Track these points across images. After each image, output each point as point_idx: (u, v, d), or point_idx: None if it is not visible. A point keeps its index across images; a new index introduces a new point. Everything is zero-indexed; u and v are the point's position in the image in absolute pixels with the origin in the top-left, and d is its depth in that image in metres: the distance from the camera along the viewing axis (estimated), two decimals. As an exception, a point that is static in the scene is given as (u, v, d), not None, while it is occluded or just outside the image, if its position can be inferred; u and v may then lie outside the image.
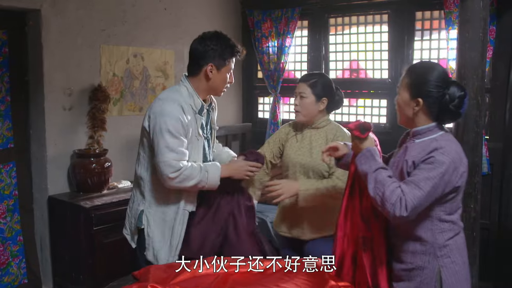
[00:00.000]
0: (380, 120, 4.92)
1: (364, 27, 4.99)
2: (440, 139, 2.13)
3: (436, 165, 2.04)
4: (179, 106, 2.58)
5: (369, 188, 2.10)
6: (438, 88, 2.12)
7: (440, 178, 2.03)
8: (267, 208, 4.59)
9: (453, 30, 4.15)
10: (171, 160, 2.53)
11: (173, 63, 4.89)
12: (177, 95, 2.64)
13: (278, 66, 5.27)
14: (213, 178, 2.63)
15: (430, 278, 2.14)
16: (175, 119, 2.55)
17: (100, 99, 4.13)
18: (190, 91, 2.67)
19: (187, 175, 2.56)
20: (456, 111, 2.14)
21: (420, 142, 2.18)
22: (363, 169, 2.17)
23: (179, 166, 2.54)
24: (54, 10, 3.90)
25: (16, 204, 4.05)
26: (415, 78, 2.18)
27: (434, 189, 2.03)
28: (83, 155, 4.03)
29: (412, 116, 2.21)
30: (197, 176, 2.58)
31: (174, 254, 2.72)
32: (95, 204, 3.79)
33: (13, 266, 4.02)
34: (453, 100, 2.11)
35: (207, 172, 2.61)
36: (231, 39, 2.71)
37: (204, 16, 5.18)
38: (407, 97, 2.19)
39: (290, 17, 5.15)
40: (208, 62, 2.64)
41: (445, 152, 2.05)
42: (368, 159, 2.17)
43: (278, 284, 2.34)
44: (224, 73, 2.68)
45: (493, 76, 4.22)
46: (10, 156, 3.98)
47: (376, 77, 4.93)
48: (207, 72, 2.65)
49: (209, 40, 2.66)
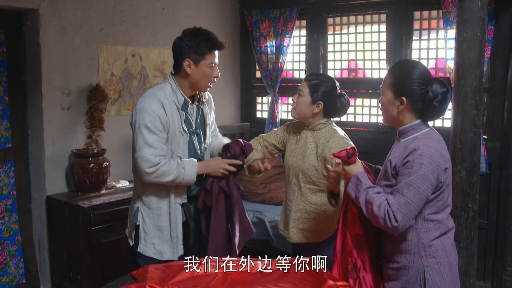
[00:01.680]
0: (378, 120, 4.93)
1: (362, 27, 5.00)
2: (421, 138, 2.15)
3: (415, 168, 2.05)
4: (159, 102, 2.63)
5: (364, 212, 2.15)
6: (421, 86, 2.14)
7: (422, 180, 2.04)
8: (266, 208, 4.59)
9: (451, 30, 4.16)
10: (148, 155, 2.59)
11: (171, 63, 4.86)
12: (159, 92, 2.70)
13: (276, 66, 5.27)
14: (189, 174, 2.66)
15: (415, 278, 2.15)
16: (153, 115, 2.59)
17: (98, 99, 4.13)
18: (173, 87, 2.73)
19: (164, 170, 2.61)
20: (440, 107, 2.16)
21: (404, 141, 2.20)
22: (353, 195, 2.21)
23: (156, 162, 2.59)
24: (52, 10, 3.90)
25: (14, 204, 4.04)
26: (398, 77, 2.20)
27: (419, 192, 2.05)
28: (81, 155, 4.03)
29: (396, 115, 2.23)
30: (174, 172, 2.62)
31: (177, 245, 2.76)
32: (93, 204, 3.79)
33: (11, 266, 4.01)
34: (436, 97, 2.14)
35: (183, 169, 2.65)
36: (209, 33, 2.71)
37: (202, 16, 5.18)
38: (391, 96, 2.21)
39: (288, 16, 5.15)
40: (185, 57, 2.68)
41: (422, 153, 2.07)
42: (356, 185, 2.20)
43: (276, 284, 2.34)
44: (203, 68, 2.69)
45: (491, 76, 4.22)
46: (8, 156, 3.98)
47: (374, 76, 4.93)
48: (185, 68, 2.69)
49: (186, 36, 2.70)
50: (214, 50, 2.70)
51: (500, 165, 4.19)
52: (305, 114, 2.89)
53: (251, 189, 4.87)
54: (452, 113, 3.28)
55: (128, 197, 4.01)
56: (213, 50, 2.70)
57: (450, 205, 2.23)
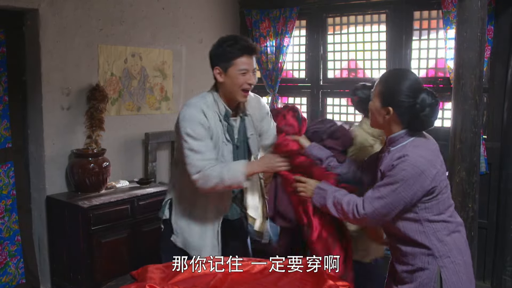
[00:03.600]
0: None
1: (362, 27, 5.00)
2: (408, 146, 2.16)
3: (396, 171, 2.09)
4: (200, 110, 2.58)
5: (334, 214, 2.29)
6: (409, 98, 2.13)
7: (401, 183, 2.08)
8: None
9: (451, 30, 4.16)
10: (195, 161, 2.54)
11: (171, 63, 4.89)
12: (201, 101, 2.65)
13: (276, 66, 5.27)
14: (235, 173, 2.55)
15: (429, 279, 2.15)
16: (195, 123, 2.55)
17: (98, 99, 4.12)
18: (215, 97, 2.68)
19: (207, 174, 2.53)
20: (427, 119, 2.16)
21: (393, 150, 2.21)
22: (321, 205, 2.34)
23: (202, 166, 2.53)
24: (52, 10, 3.90)
25: (14, 204, 4.04)
26: (387, 86, 2.20)
27: (395, 193, 2.09)
28: (81, 155, 4.03)
29: (383, 123, 2.24)
30: (217, 175, 2.53)
31: (217, 254, 2.73)
32: (93, 204, 3.79)
33: (11, 266, 4.01)
34: (423, 109, 2.13)
35: (229, 167, 2.57)
36: (239, 38, 2.62)
37: (202, 16, 5.18)
38: (379, 105, 2.22)
39: (288, 16, 5.15)
40: (215, 65, 2.64)
41: (407, 160, 2.08)
42: (320, 195, 2.34)
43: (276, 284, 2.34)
44: (232, 74, 2.60)
45: (491, 76, 4.22)
46: (8, 156, 3.98)
47: (374, 76, 4.93)
48: (216, 76, 2.64)
49: (216, 44, 2.65)
50: (242, 54, 2.60)
51: (500, 165, 4.19)
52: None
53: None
54: (452, 113, 3.28)
55: (128, 197, 4.02)
56: (241, 54, 2.59)
57: (453, 203, 2.25)
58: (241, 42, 2.60)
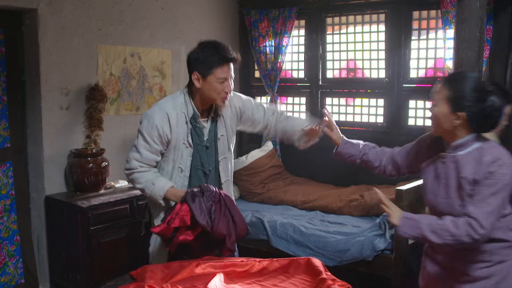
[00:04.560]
0: (377, 120, 4.93)
1: (361, 27, 4.99)
2: (488, 147, 2.15)
3: (499, 178, 2.08)
4: (164, 114, 2.66)
5: (440, 243, 2.15)
6: (479, 102, 2.12)
7: (505, 190, 2.09)
8: (264, 207, 4.59)
9: (450, 30, 4.16)
10: (132, 159, 2.71)
11: (170, 63, 4.89)
12: (169, 102, 2.72)
13: (275, 66, 5.27)
14: (156, 193, 2.69)
15: (510, 268, 2.21)
16: (152, 125, 2.64)
17: (97, 99, 4.13)
18: (186, 98, 2.73)
19: (135, 177, 2.72)
20: (495, 122, 2.17)
21: (467, 154, 2.18)
22: (415, 235, 2.21)
23: (134, 166, 2.70)
24: (50, 10, 3.90)
25: (13, 203, 4.04)
26: (456, 91, 2.16)
27: (503, 202, 2.11)
28: (80, 154, 4.03)
29: (451, 128, 2.20)
30: (143, 183, 2.71)
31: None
32: (92, 204, 3.78)
33: (10, 266, 4.01)
34: (493, 112, 2.13)
35: (153, 184, 2.69)
36: (219, 46, 2.64)
37: (201, 16, 5.18)
38: (447, 111, 2.17)
39: (287, 16, 5.15)
40: (193, 70, 2.67)
41: (504, 163, 2.09)
42: (411, 225, 2.22)
43: (276, 284, 2.34)
44: (211, 82, 2.63)
45: (490, 75, 4.22)
46: (6, 155, 3.98)
47: (373, 76, 4.93)
48: (193, 81, 2.67)
49: (197, 48, 2.69)
50: (222, 64, 2.63)
51: (499, 165, 4.19)
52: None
53: (250, 189, 4.87)
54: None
55: (127, 197, 4.02)
56: (221, 64, 2.63)
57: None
58: (222, 52, 2.63)
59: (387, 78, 4.79)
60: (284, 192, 4.75)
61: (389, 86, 4.75)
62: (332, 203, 4.40)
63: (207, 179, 2.84)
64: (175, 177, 2.76)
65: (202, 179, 2.82)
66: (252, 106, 2.97)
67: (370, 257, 3.57)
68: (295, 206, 4.59)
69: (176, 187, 2.74)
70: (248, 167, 4.88)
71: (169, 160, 2.75)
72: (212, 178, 2.87)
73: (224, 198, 2.62)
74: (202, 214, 2.51)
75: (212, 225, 2.52)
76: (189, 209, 2.51)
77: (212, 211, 2.54)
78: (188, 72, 2.73)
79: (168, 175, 2.77)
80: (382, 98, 4.86)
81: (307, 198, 4.56)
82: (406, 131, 4.63)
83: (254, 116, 2.97)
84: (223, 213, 2.58)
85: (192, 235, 2.55)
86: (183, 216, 2.51)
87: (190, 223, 2.51)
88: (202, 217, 2.50)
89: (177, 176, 2.76)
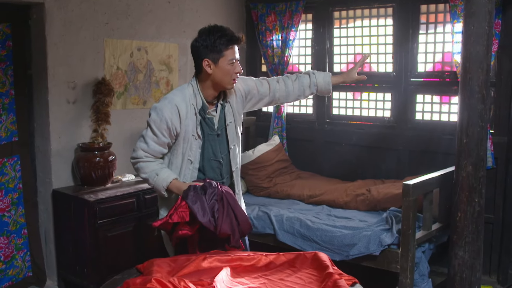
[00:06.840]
0: (384, 114, 4.90)
1: (368, 21, 4.97)
2: None
3: None
4: (174, 107, 2.67)
5: None
6: None
7: None
8: (271, 201, 4.59)
9: (458, 24, 4.13)
10: (138, 148, 2.74)
11: (177, 57, 4.88)
12: (178, 95, 2.73)
13: (282, 60, 5.26)
14: (159, 184, 2.72)
15: None
16: (161, 118, 2.66)
17: (104, 93, 4.13)
18: (195, 90, 2.74)
19: (140, 167, 2.76)
20: None
21: None
22: None
23: (140, 156, 2.74)
24: (57, 4, 3.90)
25: (21, 197, 4.06)
26: None
27: None
28: (87, 148, 4.04)
29: None
30: (147, 173, 2.74)
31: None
32: (99, 198, 3.80)
33: (17, 259, 4.03)
34: None
35: (157, 175, 2.72)
36: (224, 29, 2.70)
37: (208, 9, 5.17)
38: None
39: (294, 10, 5.13)
40: (203, 58, 2.68)
41: None
42: None
43: (282, 278, 2.35)
44: (223, 66, 2.68)
45: (498, 70, 4.19)
46: (14, 149, 3.99)
47: (381, 70, 4.91)
48: (205, 68, 2.68)
49: (201, 36, 2.70)
50: (231, 45, 2.69)
51: (507, 160, 4.17)
52: None
53: (256, 183, 4.87)
54: (459, 107, 3.27)
55: (134, 190, 4.03)
56: (230, 45, 2.68)
57: None
58: (229, 33, 2.69)
59: (394, 72, 4.77)
60: (291, 186, 4.75)
61: (396, 80, 4.73)
62: (339, 197, 4.40)
63: (221, 169, 2.85)
64: (185, 170, 2.77)
65: (215, 169, 2.83)
66: (255, 83, 2.98)
67: (377, 251, 3.56)
68: (301, 201, 4.59)
69: (186, 179, 2.75)
70: (255, 161, 4.87)
71: (178, 153, 2.76)
72: (226, 166, 2.88)
73: (226, 196, 2.63)
74: (205, 214, 2.52)
75: (215, 225, 2.53)
76: (187, 205, 2.53)
77: (215, 211, 2.55)
78: (196, 62, 2.73)
79: (178, 169, 2.77)
80: (389, 93, 4.83)
81: (313, 193, 4.56)
82: (413, 125, 4.62)
83: (260, 90, 2.97)
84: (226, 212, 2.58)
85: (191, 230, 2.57)
86: (181, 213, 2.53)
87: (189, 219, 2.52)
88: (205, 218, 2.52)
89: (186, 168, 2.77)
